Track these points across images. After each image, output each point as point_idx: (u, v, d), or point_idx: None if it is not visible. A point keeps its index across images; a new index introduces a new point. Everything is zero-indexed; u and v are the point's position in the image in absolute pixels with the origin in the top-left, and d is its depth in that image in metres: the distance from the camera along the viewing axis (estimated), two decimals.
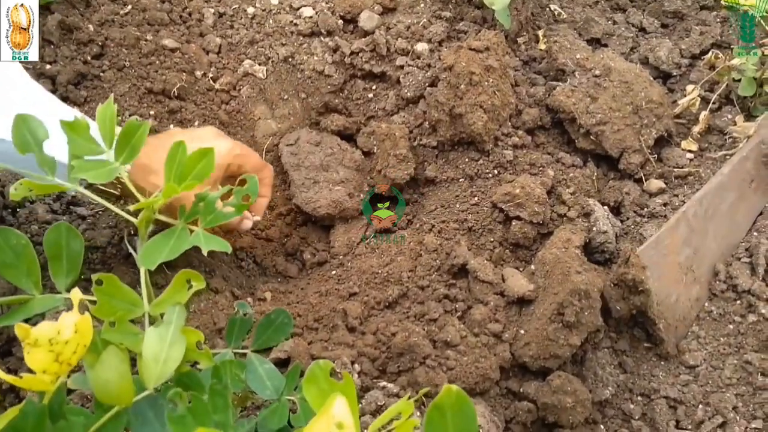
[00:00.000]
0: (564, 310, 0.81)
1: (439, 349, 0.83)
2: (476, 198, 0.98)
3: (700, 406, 0.82)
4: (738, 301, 0.88)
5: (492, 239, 0.95)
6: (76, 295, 0.38)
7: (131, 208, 0.45)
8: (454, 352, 0.82)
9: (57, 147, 0.52)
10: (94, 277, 0.43)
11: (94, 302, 0.45)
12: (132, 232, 0.88)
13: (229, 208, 0.47)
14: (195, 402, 0.40)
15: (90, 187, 0.62)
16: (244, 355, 0.61)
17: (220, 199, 0.50)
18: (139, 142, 0.47)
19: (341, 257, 1.00)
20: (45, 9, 0.97)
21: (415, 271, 0.93)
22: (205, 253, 0.45)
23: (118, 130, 0.51)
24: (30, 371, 0.37)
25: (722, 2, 0.97)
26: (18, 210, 0.86)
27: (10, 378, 0.35)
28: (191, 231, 0.47)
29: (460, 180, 1.00)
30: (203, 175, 0.45)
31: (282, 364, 0.77)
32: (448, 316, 0.87)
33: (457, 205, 0.99)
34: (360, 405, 0.73)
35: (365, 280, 0.93)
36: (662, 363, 0.86)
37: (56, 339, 0.36)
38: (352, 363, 0.79)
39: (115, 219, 0.90)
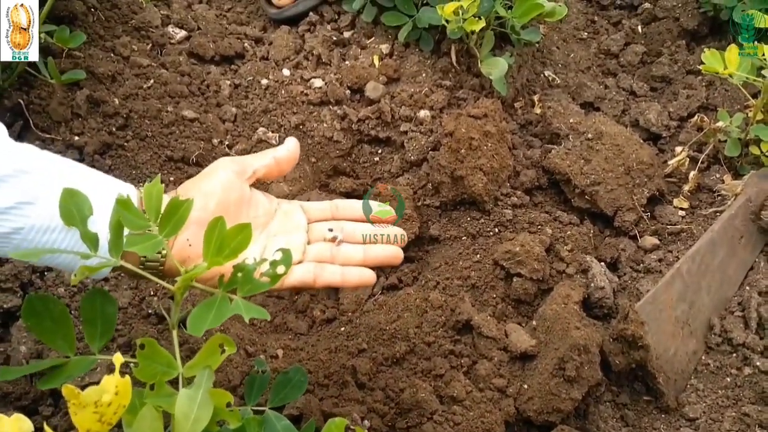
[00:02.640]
0: (565, 365, 0.84)
1: (445, 404, 0.86)
2: (478, 255, 1.03)
3: None
4: (734, 354, 0.91)
5: (494, 295, 0.99)
6: (119, 358, 0.42)
7: (178, 279, 0.50)
8: (460, 407, 0.85)
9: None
10: (138, 341, 0.47)
11: (134, 363, 0.49)
12: (152, 293, 0.93)
13: (266, 278, 0.51)
14: None
15: None
16: (261, 411, 0.65)
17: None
18: (182, 217, 0.52)
19: (350, 314, 1.04)
20: (74, 85, 1.05)
21: (422, 327, 0.96)
22: (246, 321, 0.49)
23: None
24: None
25: (702, 70, 1.03)
26: (46, 273, 0.91)
27: None
28: (231, 300, 0.51)
29: (463, 238, 1.05)
30: (240, 249, 0.49)
31: (294, 420, 0.80)
32: (454, 372, 0.90)
33: (460, 263, 1.03)
34: None
35: (373, 336, 0.96)
36: (663, 416, 0.89)
37: (101, 401, 0.40)
38: (362, 419, 0.82)
39: (135, 281, 0.94)
